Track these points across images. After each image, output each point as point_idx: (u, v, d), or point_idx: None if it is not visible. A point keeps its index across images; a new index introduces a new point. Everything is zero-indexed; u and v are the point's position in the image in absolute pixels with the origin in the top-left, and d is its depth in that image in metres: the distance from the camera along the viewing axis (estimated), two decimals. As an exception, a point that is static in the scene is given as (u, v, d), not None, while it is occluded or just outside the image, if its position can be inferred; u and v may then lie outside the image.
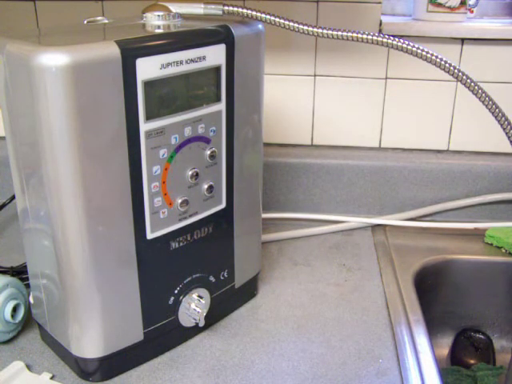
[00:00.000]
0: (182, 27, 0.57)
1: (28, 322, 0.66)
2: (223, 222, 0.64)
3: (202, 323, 0.62)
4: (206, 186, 0.60)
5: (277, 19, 0.56)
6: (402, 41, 0.54)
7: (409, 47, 0.54)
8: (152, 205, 0.55)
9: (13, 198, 0.89)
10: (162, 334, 0.62)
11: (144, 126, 0.52)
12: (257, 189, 0.68)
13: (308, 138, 0.96)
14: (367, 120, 0.94)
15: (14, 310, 0.63)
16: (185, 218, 0.59)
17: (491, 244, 0.87)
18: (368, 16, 0.87)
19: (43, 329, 0.62)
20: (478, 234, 0.90)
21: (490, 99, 0.54)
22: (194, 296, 0.63)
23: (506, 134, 0.56)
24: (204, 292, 0.64)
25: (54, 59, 0.45)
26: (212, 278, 0.65)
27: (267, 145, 0.96)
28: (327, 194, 0.95)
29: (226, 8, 0.57)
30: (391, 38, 0.54)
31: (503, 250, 0.86)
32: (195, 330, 0.66)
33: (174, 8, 0.58)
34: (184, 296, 0.62)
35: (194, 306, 0.62)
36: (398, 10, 0.97)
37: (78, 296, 0.55)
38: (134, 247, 0.55)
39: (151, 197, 0.55)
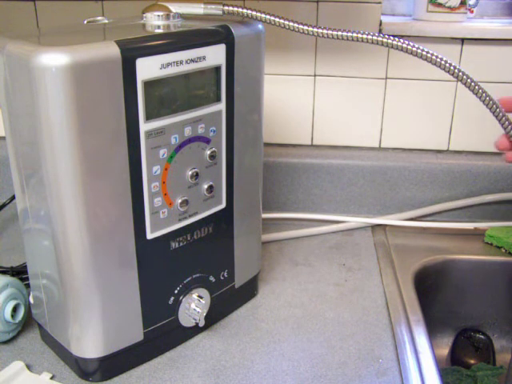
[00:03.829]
0: (182, 27, 0.57)
1: (28, 322, 0.66)
2: (223, 222, 0.64)
3: (202, 323, 0.62)
4: (205, 186, 0.60)
5: (276, 19, 0.56)
6: (401, 40, 0.54)
7: (409, 47, 0.54)
8: (152, 205, 0.55)
9: (13, 198, 0.89)
10: (162, 334, 0.62)
11: (144, 126, 0.52)
12: (257, 189, 0.68)
13: (308, 138, 0.96)
14: (367, 120, 0.94)
15: (14, 310, 0.63)
16: (185, 218, 0.59)
17: (491, 244, 0.87)
18: (368, 16, 0.87)
19: (43, 329, 0.62)
20: (478, 234, 0.90)
21: (491, 99, 0.54)
22: (194, 296, 0.63)
23: (508, 133, 0.56)
24: (204, 292, 0.64)
25: (54, 59, 0.45)
26: (212, 278, 0.65)
27: (267, 145, 0.96)
28: (327, 194, 0.95)
29: (226, 8, 0.57)
30: (391, 37, 0.54)
31: (503, 250, 0.86)
32: (195, 330, 0.66)
33: (174, 8, 0.58)
34: (184, 296, 0.62)
35: (194, 305, 0.62)
36: (398, 10, 0.97)
37: (78, 296, 0.55)
38: (133, 247, 0.55)
39: (151, 197, 0.55)
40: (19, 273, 0.75)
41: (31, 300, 0.62)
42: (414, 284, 0.77)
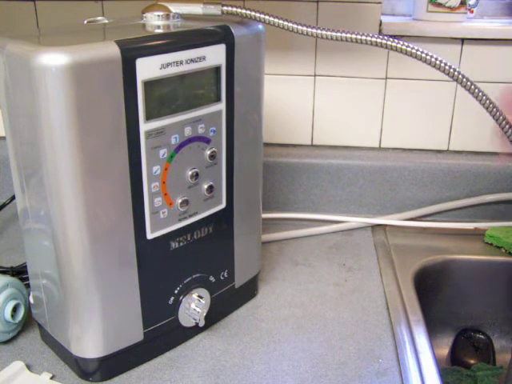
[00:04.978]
0: (181, 27, 0.57)
1: (28, 322, 0.66)
2: (223, 222, 0.64)
3: (201, 323, 0.62)
4: (205, 186, 0.60)
5: (275, 19, 0.56)
6: (401, 42, 0.54)
7: (408, 49, 0.54)
8: (152, 205, 0.55)
9: (13, 198, 0.89)
10: (162, 334, 0.62)
11: (144, 126, 0.52)
12: (257, 189, 0.68)
13: (308, 138, 0.96)
14: (367, 120, 0.94)
15: (14, 310, 0.63)
16: (185, 218, 0.59)
17: (491, 244, 0.87)
18: (368, 16, 0.87)
19: (43, 329, 0.62)
20: (478, 234, 0.90)
21: (487, 98, 0.54)
22: (194, 296, 0.63)
23: (505, 133, 0.56)
24: (204, 292, 0.64)
25: (54, 59, 0.45)
26: (212, 278, 0.65)
27: (267, 145, 0.96)
28: (327, 194, 0.95)
29: (225, 8, 0.57)
30: (390, 39, 0.54)
31: (503, 250, 0.86)
32: (195, 330, 0.66)
33: (174, 8, 0.58)
34: (184, 296, 0.62)
35: (194, 305, 0.62)
36: (398, 10, 0.97)
37: (78, 296, 0.55)
38: (134, 247, 0.55)
39: (151, 197, 0.55)
40: (19, 273, 0.75)
41: (31, 300, 0.62)
42: (414, 284, 0.77)
